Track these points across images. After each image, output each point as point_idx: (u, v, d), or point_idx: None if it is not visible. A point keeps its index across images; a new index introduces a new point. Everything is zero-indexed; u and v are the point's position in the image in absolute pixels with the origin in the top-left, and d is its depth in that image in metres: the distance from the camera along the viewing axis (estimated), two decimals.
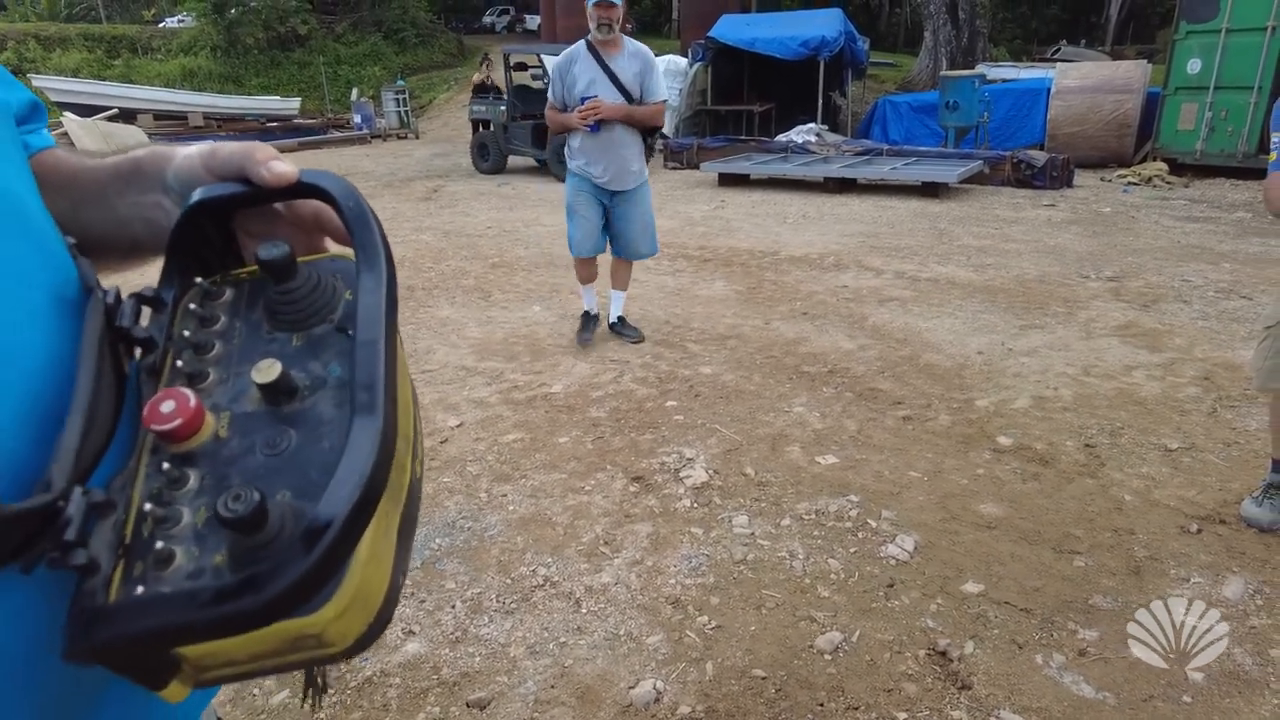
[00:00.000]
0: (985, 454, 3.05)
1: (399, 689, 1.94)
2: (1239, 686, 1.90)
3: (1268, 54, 9.40)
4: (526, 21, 35.49)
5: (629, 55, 3.88)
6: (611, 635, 2.12)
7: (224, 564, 0.38)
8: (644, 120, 3.93)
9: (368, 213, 0.47)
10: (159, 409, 0.40)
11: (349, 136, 18.44)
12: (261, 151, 0.50)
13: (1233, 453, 3.00)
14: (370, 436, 0.37)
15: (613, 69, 3.82)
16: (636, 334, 4.41)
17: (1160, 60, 12.90)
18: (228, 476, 0.40)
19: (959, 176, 9.25)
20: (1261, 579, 2.27)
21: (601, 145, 3.90)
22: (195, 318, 0.47)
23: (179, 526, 0.39)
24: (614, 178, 3.96)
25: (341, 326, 0.46)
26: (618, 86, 3.84)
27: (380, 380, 0.40)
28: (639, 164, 4.01)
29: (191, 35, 26.13)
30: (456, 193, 10.30)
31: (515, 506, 2.75)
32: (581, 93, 3.83)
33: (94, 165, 0.58)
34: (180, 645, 0.37)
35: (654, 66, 3.93)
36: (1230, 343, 4.17)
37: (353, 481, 0.36)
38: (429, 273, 6.07)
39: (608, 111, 3.80)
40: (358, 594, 0.39)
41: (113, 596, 0.37)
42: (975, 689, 1.90)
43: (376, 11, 27.41)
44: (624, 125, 3.89)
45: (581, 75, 3.85)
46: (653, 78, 3.90)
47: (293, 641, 0.38)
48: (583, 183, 4.05)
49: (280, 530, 0.37)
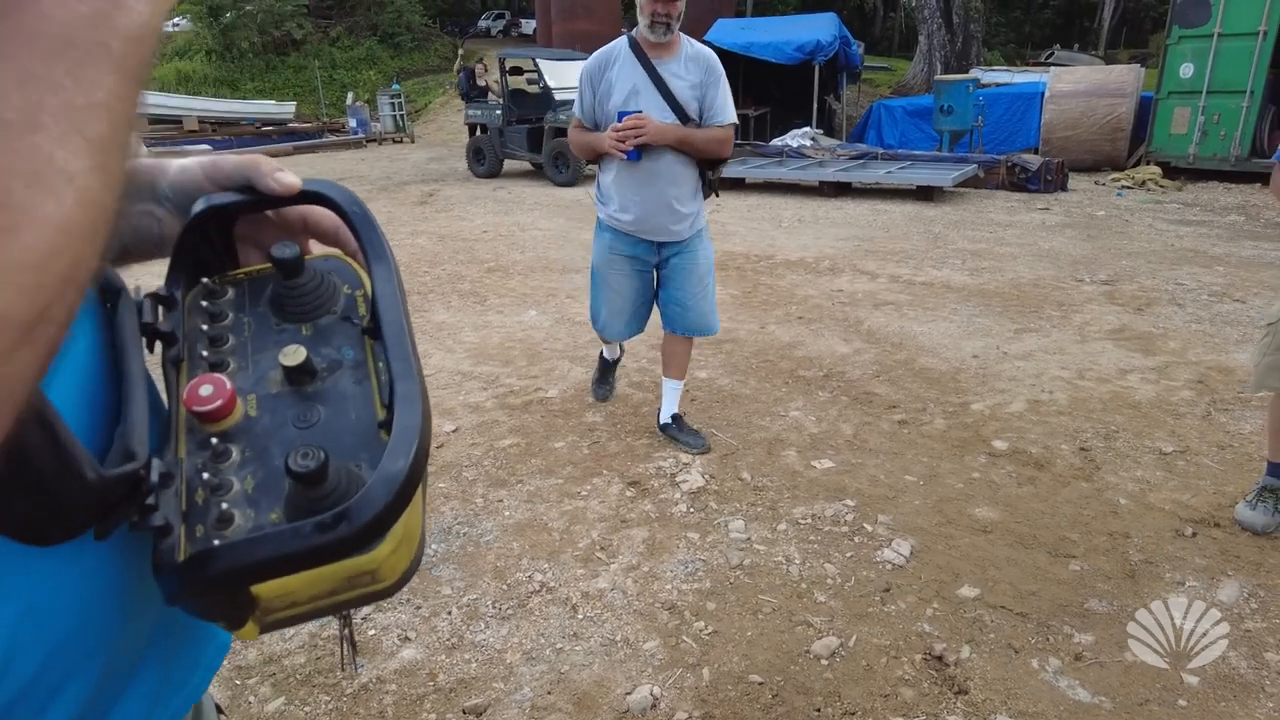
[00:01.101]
0: (980, 458, 3.05)
1: (395, 695, 1.94)
2: (1234, 690, 1.90)
3: (1259, 58, 9.46)
4: (522, 26, 35.53)
5: (687, 60, 2.79)
6: (608, 641, 2.11)
7: (281, 520, 0.42)
8: (704, 149, 2.80)
9: (370, 215, 0.53)
10: (199, 392, 0.44)
11: (344, 140, 18.43)
12: (266, 163, 0.54)
13: (1227, 456, 3.01)
14: (415, 397, 0.43)
15: (663, 76, 2.75)
16: (699, 441, 3.13)
17: (1153, 65, 12.95)
18: (268, 448, 0.45)
19: (954, 180, 9.28)
20: (1256, 582, 2.28)
21: (642, 180, 2.79)
22: (205, 314, 0.51)
23: (231, 493, 0.43)
24: (658, 225, 2.86)
25: (346, 316, 0.51)
26: (669, 101, 2.75)
27: (410, 350, 0.45)
28: (693, 206, 2.89)
29: (186, 39, 26.11)
30: (452, 197, 10.30)
31: (511, 512, 2.74)
32: (618, 106, 2.75)
33: None
34: (280, 575, 0.41)
35: (721, 77, 2.82)
36: (1224, 346, 4.19)
37: (411, 432, 0.41)
38: (424, 277, 6.06)
39: (654, 133, 2.68)
40: (405, 532, 0.44)
41: (183, 554, 0.41)
42: (972, 693, 1.90)
43: (372, 16, 27.42)
44: (675, 153, 2.77)
45: (620, 82, 2.77)
46: (719, 92, 2.80)
47: (349, 579, 0.43)
48: (617, 240, 2.95)
49: (336, 485, 0.41)
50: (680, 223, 2.88)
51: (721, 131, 2.81)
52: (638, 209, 2.85)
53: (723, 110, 2.80)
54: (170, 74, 24.36)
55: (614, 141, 2.71)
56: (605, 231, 2.99)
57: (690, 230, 2.92)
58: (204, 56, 25.22)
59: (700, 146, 2.80)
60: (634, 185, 2.83)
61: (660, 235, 2.89)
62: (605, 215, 2.96)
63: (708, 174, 2.90)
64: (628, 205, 2.86)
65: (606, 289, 3.05)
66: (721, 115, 2.80)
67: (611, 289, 3.03)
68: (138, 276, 0.53)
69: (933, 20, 18.73)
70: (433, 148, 17.19)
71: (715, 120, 2.80)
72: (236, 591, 0.42)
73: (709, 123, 2.81)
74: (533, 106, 11.61)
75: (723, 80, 2.81)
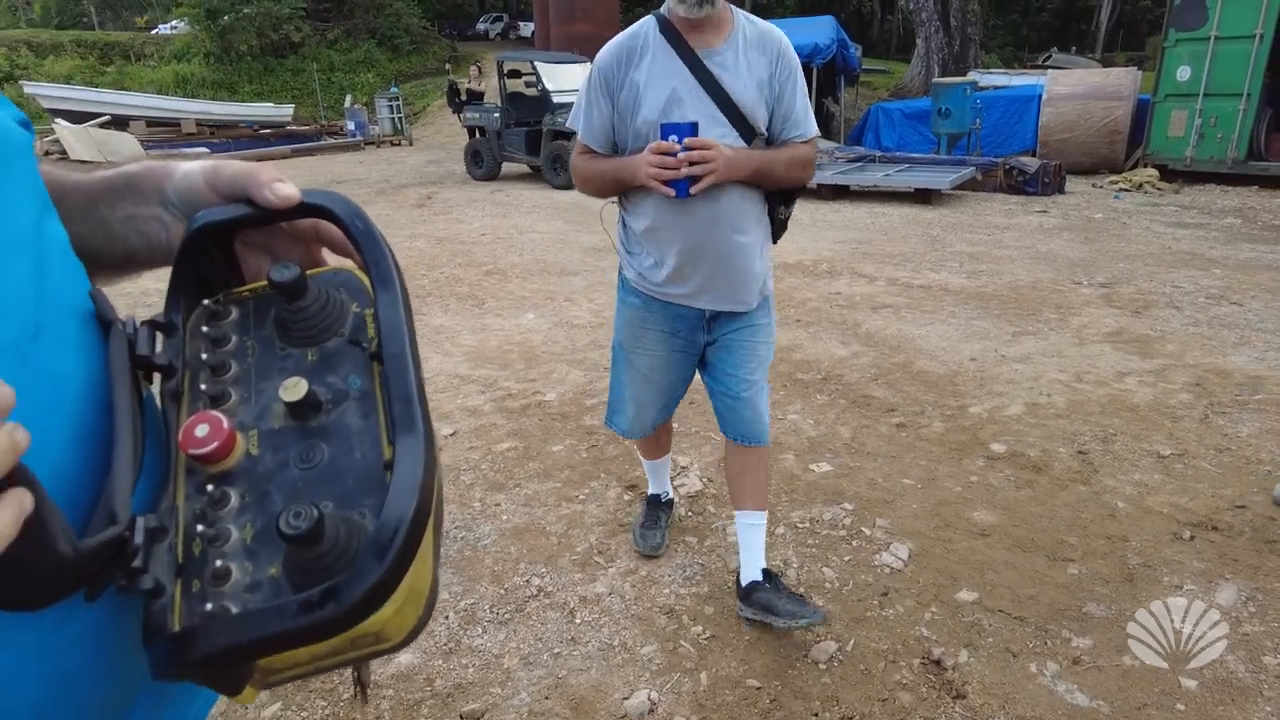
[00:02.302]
0: (978, 461, 3.05)
1: (392, 701, 1.93)
2: (1232, 694, 1.90)
3: (1255, 61, 9.49)
4: (520, 28, 35.58)
5: (745, 46, 1.85)
6: (605, 645, 2.11)
7: (279, 575, 0.40)
8: (782, 175, 1.91)
9: (375, 230, 0.49)
10: (194, 433, 0.42)
11: (342, 143, 18.45)
12: (265, 173, 0.51)
13: (1224, 459, 3.01)
14: (417, 448, 0.40)
15: (714, 72, 1.82)
16: (811, 612, 2.04)
17: (1150, 67, 13.00)
18: (268, 493, 0.43)
19: (952, 183, 9.29)
20: (1254, 586, 2.28)
21: (693, 225, 1.88)
22: (207, 339, 0.49)
23: (229, 544, 0.41)
24: (715, 290, 1.96)
25: (354, 339, 0.48)
26: (725, 109, 1.83)
27: (415, 392, 0.43)
28: (762, 260, 1.99)
29: (185, 42, 26.14)
30: (450, 199, 10.30)
31: (509, 516, 2.74)
32: (655, 118, 1.81)
33: (82, 179, 0.58)
34: (267, 656, 0.39)
35: (796, 69, 1.91)
36: (1221, 349, 4.20)
37: (409, 490, 0.39)
38: (422, 280, 6.06)
39: (727, 170, 1.78)
40: (410, 590, 0.41)
41: (176, 615, 0.39)
42: (970, 698, 1.90)
43: (370, 19, 27.44)
44: (742, 186, 1.88)
45: (652, 85, 1.83)
46: (796, 91, 1.90)
47: (352, 640, 0.40)
48: (652, 312, 2.05)
49: (336, 540, 0.39)
50: (747, 285, 1.95)
51: (805, 150, 1.90)
52: (687, 266, 1.91)
53: (804, 118, 1.90)
54: (168, 76, 24.39)
55: (655, 169, 1.73)
56: (635, 298, 2.05)
57: (758, 294, 2.00)
58: (202, 59, 25.24)
59: (781, 175, 1.88)
60: (682, 232, 1.87)
61: (719, 303, 1.97)
62: (634, 274, 2.03)
63: (779, 211, 1.99)
64: (671, 261, 1.91)
65: (634, 375, 2.15)
66: (802, 126, 1.89)
67: (642, 376, 2.13)
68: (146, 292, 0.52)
69: (930, 23, 18.78)
70: (431, 150, 17.19)
71: (794, 134, 1.89)
72: (227, 667, 0.40)
73: (785, 138, 1.90)
74: (531, 109, 11.63)
75: (799, 74, 1.89)
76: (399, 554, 0.37)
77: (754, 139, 1.84)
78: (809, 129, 1.91)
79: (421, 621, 0.44)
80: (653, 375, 2.13)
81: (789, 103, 1.87)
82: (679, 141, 1.70)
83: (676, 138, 1.71)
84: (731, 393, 2.07)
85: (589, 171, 1.97)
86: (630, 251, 2.05)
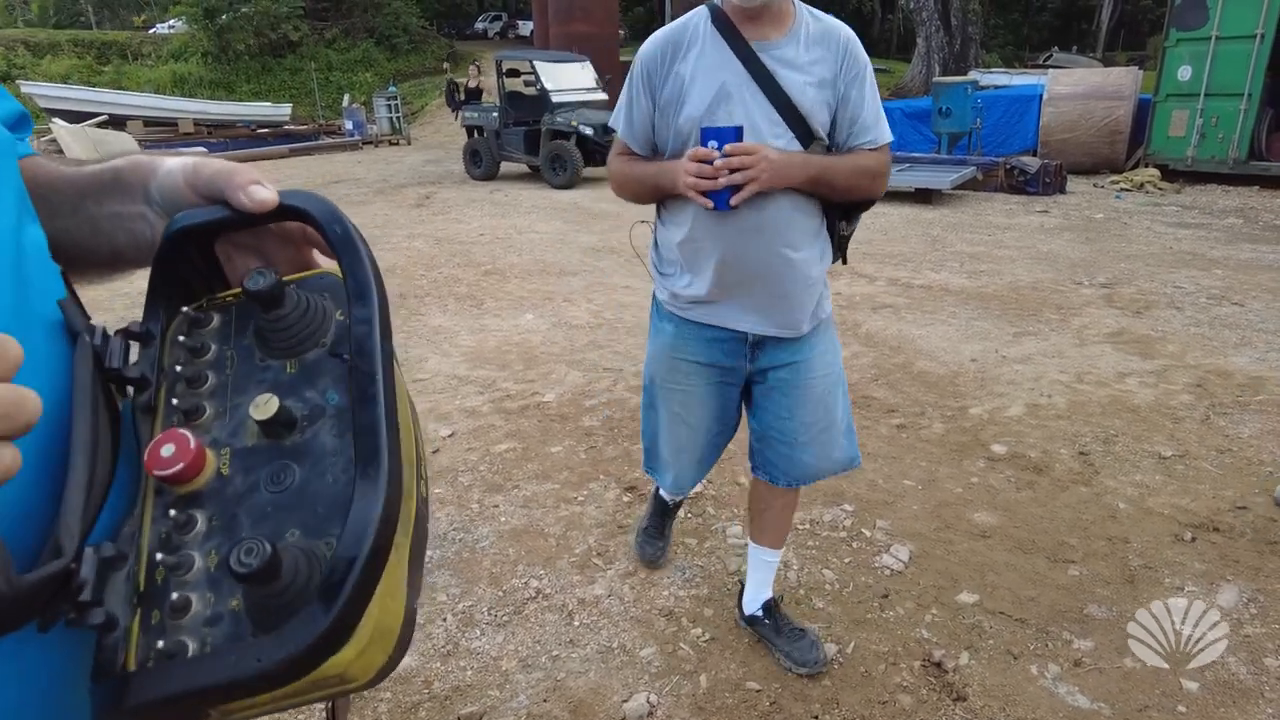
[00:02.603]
0: (979, 462, 3.04)
1: (390, 704, 1.92)
2: (1234, 696, 1.89)
3: (1256, 61, 9.48)
4: (519, 27, 35.58)
5: (808, 41, 1.64)
6: (604, 648, 2.10)
7: (240, 609, 0.38)
8: (847, 188, 1.68)
9: (353, 235, 0.46)
10: (159, 453, 0.40)
11: (341, 143, 18.42)
12: (241, 175, 0.49)
13: (1226, 460, 3.00)
14: (375, 488, 0.38)
15: (771, 69, 1.61)
16: (810, 655, 2.00)
17: (1151, 67, 12.99)
18: (236, 517, 0.41)
19: (952, 183, 9.28)
20: (1255, 587, 2.27)
21: (736, 238, 1.67)
22: (185, 349, 0.47)
23: (192, 572, 0.40)
24: (759, 312, 1.74)
25: (335, 351, 0.46)
26: (782, 110, 1.62)
27: (380, 424, 0.40)
28: (817, 279, 1.75)
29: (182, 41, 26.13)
30: (449, 199, 10.29)
31: (507, 517, 2.73)
32: (699, 115, 1.62)
33: (72, 174, 0.57)
34: (215, 705, 0.37)
35: (866, 67, 1.68)
36: (1222, 349, 4.19)
37: (363, 532, 0.37)
38: (421, 280, 6.04)
39: (774, 176, 1.56)
40: (377, 629, 0.39)
41: (133, 648, 0.37)
42: (970, 700, 1.89)
43: (368, 18, 27.43)
44: (794, 195, 1.66)
45: (700, 79, 1.63)
46: (864, 92, 1.67)
47: (314, 683, 0.38)
48: (687, 337, 1.81)
49: (295, 575, 0.37)
50: (797, 308, 1.70)
51: (873, 159, 1.65)
52: (726, 279, 1.68)
53: (874, 122, 1.65)
54: (166, 76, 24.37)
55: (693, 178, 1.53)
56: (667, 323, 1.82)
57: (811, 321, 1.74)
58: (200, 58, 25.23)
59: (842, 185, 1.64)
60: (722, 246, 1.65)
61: (763, 327, 1.72)
62: (668, 295, 1.79)
63: (839, 227, 1.73)
64: (708, 275, 1.68)
65: (668, 415, 1.89)
66: (872, 131, 1.65)
67: (676, 415, 1.87)
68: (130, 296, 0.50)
69: (931, 22, 18.77)
70: (429, 150, 17.18)
71: (861, 140, 1.64)
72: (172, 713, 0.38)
73: (852, 144, 1.65)
74: (530, 109, 11.61)
75: (868, 74, 1.65)
76: (350, 600, 0.35)
77: (812, 143, 1.61)
78: (880, 135, 1.65)
79: (393, 659, 0.42)
80: (687, 416, 1.85)
81: (856, 105, 1.63)
82: (719, 148, 1.51)
83: (717, 144, 1.51)
84: (786, 438, 1.80)
85: (626, 175, 1.75)
86: (663, 271, 1.82)
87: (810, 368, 1.77)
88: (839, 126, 1.65)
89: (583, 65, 12.15)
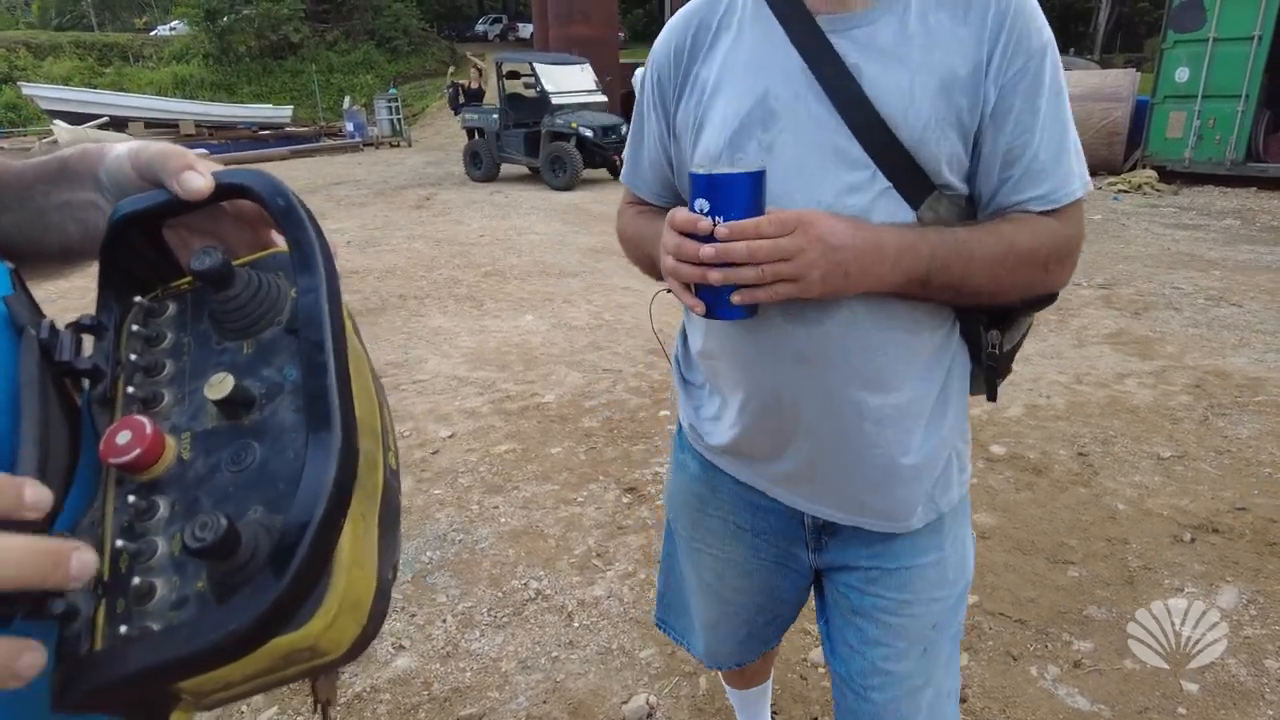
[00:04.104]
0: (979, 463, 3.04)
1: (389, 705, 1.92)
2: (1234, 698, 1.89)
3: (1254, 62, 9.49)
4: (519, 29, 35.61)
5: (926, 9, 0.84)
6: (604, 649, 2.10)
7: (206, 589, 0.38)
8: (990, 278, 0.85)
9: (297, 208, 0.46)
10: (115, 441, 0.39)
11: (341, 145, 18.44)
12: (175, 160, 0.47)
13: (1225, 460, 3.01)
14: (327, 452, 0.37)
15: (848, 57, 0.84)
16: None
17: (1148, 69, 13.00)
18: (198, 499, 0.40)
19: None
20: (1255, 588, 2.27)
21: (770, 367, 0.93)
22: (141, 339, 0.46)
23: (155, 558, 0.39)
24: (821, 478, 0.99)
25: (291, 328, 0.45)
26: (860, 128, 0.84)
27: (331, 388, 0.39)
28: (933, 441, 0.97)
29: (183, 43, 26.17)
30: (449, 201, 10.30)
31: (507, 519, 2.73)
32: (720, 148, 0.90)
33: (18, 166, 0.56)
34: (171, 682, 0.36)
35: (1043, 50, 0.83)
36: (1221, 350, 4.19)
37: (313, 498, 0.36)
38: (421, 281, 6.05)
39: (835, 271, 0.79)
40: (345, 599, 0.38)
41: (98, 637, 0.37)
42: (970, 701, 1.89)
43: (369, 20, 27.47)
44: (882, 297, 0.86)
45: (729, 86, 0.91)
46: (1036, 96, 0.83)
47: (285, 657, 0.37)
48: (716, 487, 1.14)
49: (256, 550, 0.37)
50: (885, 490, 0.98)
51: (1048, 231, 0.87)
52: (763, 436, 1.01)
53: (1054, 159, 0.86)
54: (167, 77, 24.40)
55: (672, 260, 0.83)
56: (690, 460, 1.19)
57: (923, 510, 1.01)
58: (201, 60, 25.27)
59: (983, 286, 0.87)
60: (748, 377, 0.97)
61: (829, 510, 1.03)
62: (689, 422, 1.15)
63: (986, 340, 0.96)
64: (734, 419, 1.02)
65: (697, 580, 1.25)
66: (1051, 176, 0.86)
67: (708, 586, 1.23)
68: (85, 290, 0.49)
69: None
70: (429, 151, 17.19)
71: (1028, 193, 0.87)
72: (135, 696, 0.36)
73: (1009, 200, 0.88)
74: (529, 110, 11.62)
75: (1049, 62, 0.85)
76: (301, 567, 0.34)
77: (927, 197, 0.86)
78: (1065, 183, 0.86)
79: (367, 632, 0.41)
80: (722, 590, 1.20)
81: (1022, 124, 0.84)
82: (719, 205, 0.78)
83: (709, 203, 0.78)
84: (854, 680, 1.07)
85: (625, 236, 1.12)
86: (687, 380, 1.14)
87: (909, 585, 1.03)
88: (985, 164, 0.87)
89: (582, 67, 12.17)
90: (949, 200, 0.88)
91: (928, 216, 0.87)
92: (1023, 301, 0.94)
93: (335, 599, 0.38)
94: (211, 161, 0.50)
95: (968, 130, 0.86)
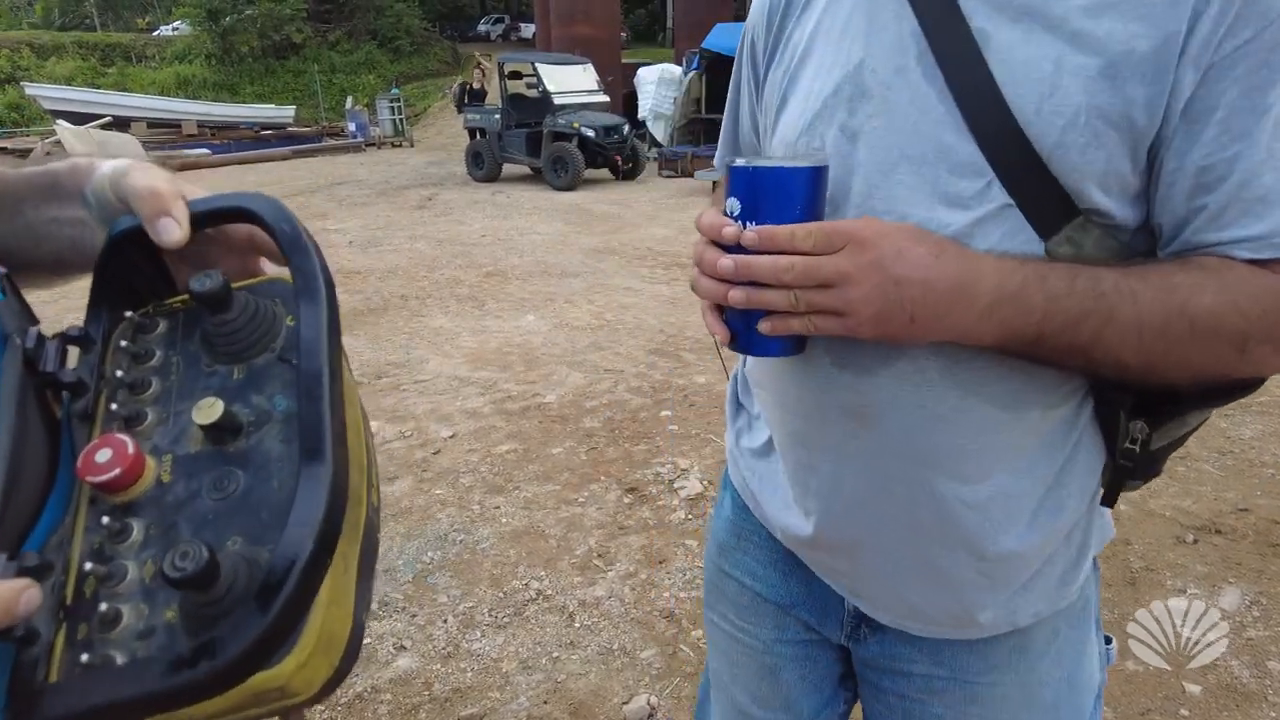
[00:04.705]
0: None
1: (390, 705, 1.92)
2: (1236, 699, 1.88)
3: None
4: (521, 29, 35.65)
5: None
6: (605, 650, 2.10)
7: (176, 620, 0.36)
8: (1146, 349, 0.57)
9: (301, 234, 0.45)
10: (94, 459, 0.38)
11: (343, 145, 18.46)
12: (152, 204, 0.46)
13: (1227, 461, 3.00)
14: (319, 485, 0.36)
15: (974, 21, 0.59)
16: None
17: None
18: (175, 525, 0.39)
19: None
20: (1258, 590, 2.27)
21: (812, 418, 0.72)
22: (128, 355, 0.45)
23: (125, 583, 0.37)
24: (880, 573, 0.75)
25: (284, 356, 0.44)
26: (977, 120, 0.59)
27: (325, 422, 0.38)
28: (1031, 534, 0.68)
29: (186, 43, 26.22)
30: (451, 201, 10.30)
31: (508, 519, 2.73)
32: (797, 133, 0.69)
33: (11, 176, 0.56)
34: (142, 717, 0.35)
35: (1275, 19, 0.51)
36: None
37: (305, 534, 0.34)
38: (422, 281, 6.05)
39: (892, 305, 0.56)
40: (320, 640, 0.37)
41: (55, 663, 0.35)
42: None
43: (371, 20, 27.51)
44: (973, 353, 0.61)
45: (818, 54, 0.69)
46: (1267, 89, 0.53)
47: (255, 695, 0.36)
48: (747, 530, 0.90)
49: (234, 582, 0.35)
50: (955, 588, 0.72)
51: (1258, 289, 0.55)
52: (808, 477, 0.75)
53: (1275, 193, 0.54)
54: (169, 78, 24.44)
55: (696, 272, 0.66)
56: (727, 495, 0.96)
57: (1003, 618, 0.73)
58: (203, 60, 25.32)
59: (1127, 356, 0.58)
60: (790, 420, 0.76)
61: (869, 602, 0.79)
62: (730, 448, 0.94)
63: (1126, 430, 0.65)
64: (789, 466, 0.79)
65: (712, 665, 1.00)
66: (1273, 213, 0.55)
67: (719, 679, 0.98)
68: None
69: None
70: (432, 152, 17.21)
71: (1233, 232, 0.56)
72: None
73: (1203, 239, 0.58)
74: (531, 111, 11.63)
75: None
76: (286, 607, 0.33)
77: (1065, 225, 0.60)
78: None
79: (341, 671, 0.39)
80: (734, 686, 0.96)
81: (1236, 131, 0.55)
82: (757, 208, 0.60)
83: (740, 203, 0.61)
84: None
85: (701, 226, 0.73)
86: (740, 404, 0.93)
87: (966, 704, 0.79)
88: (1166, 185, 0.59)
89: (584, 68, 12.18)
90: (1101, 232, 0.60)
91: (1063, 252, 0.59)
92: (1198, 386, 0.62)
93: (310, 638, 0.36)
94: (197, 188, 0.49)
95: (1141, 134, 0.57)
